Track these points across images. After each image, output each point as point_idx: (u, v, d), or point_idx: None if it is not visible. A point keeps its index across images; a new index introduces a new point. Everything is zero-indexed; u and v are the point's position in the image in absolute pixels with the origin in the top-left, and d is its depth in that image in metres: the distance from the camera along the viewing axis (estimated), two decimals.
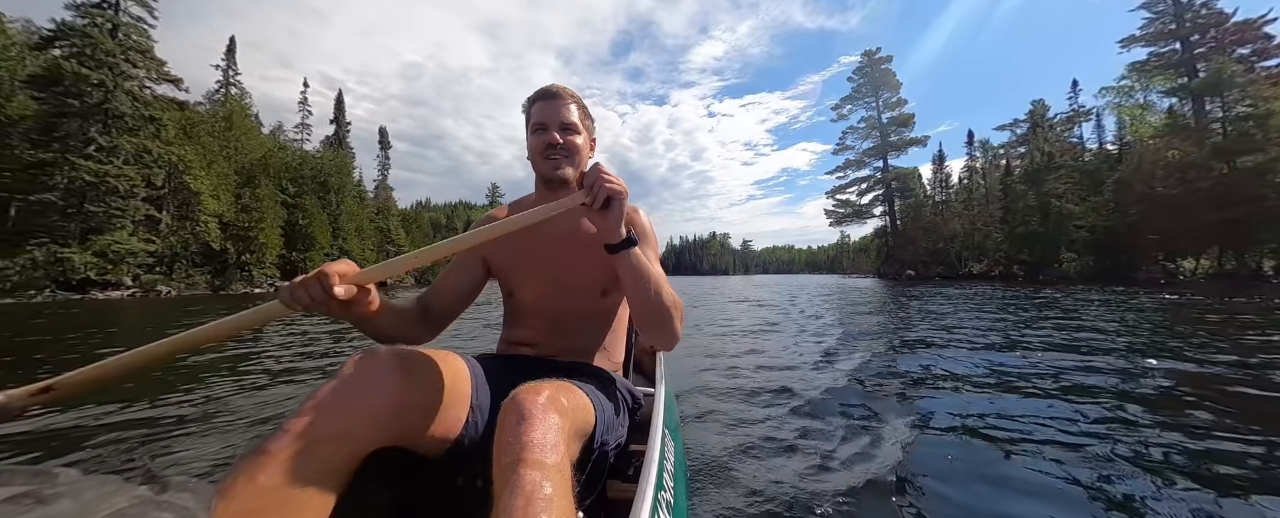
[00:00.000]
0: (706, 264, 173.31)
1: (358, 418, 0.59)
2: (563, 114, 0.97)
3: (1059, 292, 12.71)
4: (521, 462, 0.53)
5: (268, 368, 3.25)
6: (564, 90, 0.99)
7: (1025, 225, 30.35)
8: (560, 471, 0.54)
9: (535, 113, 0.97)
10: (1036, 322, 5.88)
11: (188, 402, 2.48)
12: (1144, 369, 3.10)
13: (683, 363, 3.56)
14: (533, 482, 0.50)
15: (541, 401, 0.60)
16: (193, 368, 3.27)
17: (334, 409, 0.58)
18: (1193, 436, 1.92)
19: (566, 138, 0.97)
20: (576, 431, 0.67)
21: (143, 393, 2.57)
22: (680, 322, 0.88)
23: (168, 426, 2.11)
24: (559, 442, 0.57)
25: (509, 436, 0.56)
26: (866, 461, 1.72)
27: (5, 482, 0.40)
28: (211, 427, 2.08)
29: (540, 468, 0.52)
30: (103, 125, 17.67)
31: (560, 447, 0.57)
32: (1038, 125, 33.64)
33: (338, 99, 42.53)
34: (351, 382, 0.62)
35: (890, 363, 3.58)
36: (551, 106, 0.96)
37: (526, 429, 0.56)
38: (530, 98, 1.00)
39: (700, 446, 1.86)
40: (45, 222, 16.49)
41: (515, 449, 0.54)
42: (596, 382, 0.87)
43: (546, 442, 0.56)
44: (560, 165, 0.96)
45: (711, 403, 2.49)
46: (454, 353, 0.80)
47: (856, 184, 42.75)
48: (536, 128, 0.96)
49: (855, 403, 2.46)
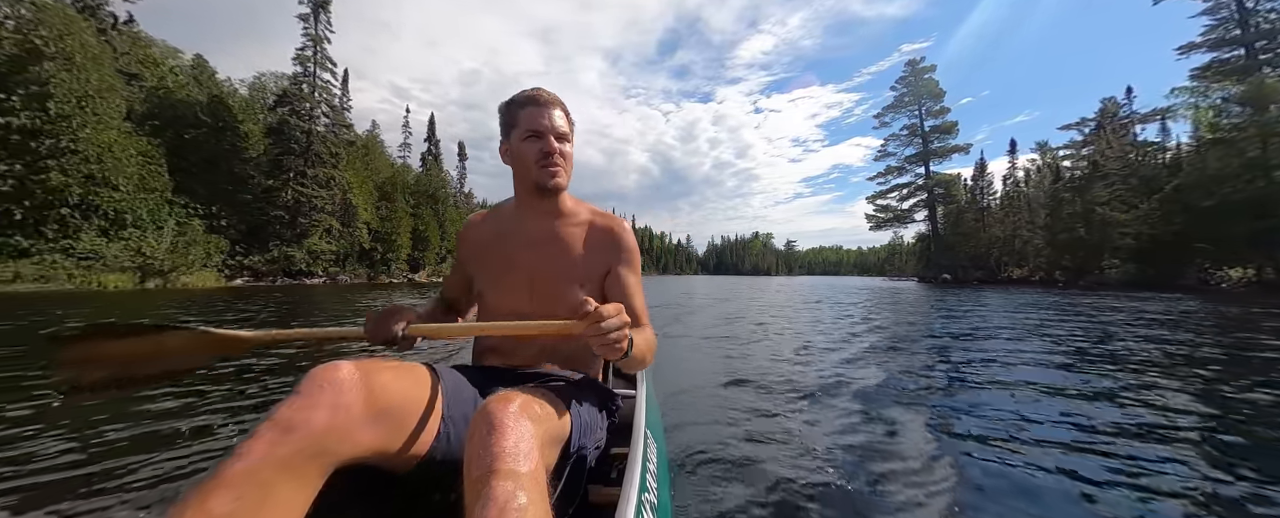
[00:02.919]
0: (748, 265, 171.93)
1: (317, 436, 0.56)
2: (557, 122, 0.94)
3: (1104, 296, 12.60)
4: (493, 473, 0.52)
5: (223, 387, 2.67)
6: (553, 96, 0.95)
7: (1068, 232, 31.12)
8: (534, 479, 0.54)
9: (526, 118, 0.93)
10: (1117, 330, 5.39)
11: (131, 426, 2.00)
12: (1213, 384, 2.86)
13: (666, 363, 3.49)
14: (506, 492, 0.50)
15: (513, 409, 0.59)
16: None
17: (291, 428, 0.55)
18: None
19: (561, 146, 0.94)
20: (551, 438, 0.66)
21: (77, 417, 2.07)
22: (653, 356, 0.88)
23: (109, 452, 1.74)
24: (532, 450, 0.56)
25: (480, 447, 0.55)
26: (860, 459, 1.69)
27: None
28: (158, 452, 1.74)
29: (513, 478, 0.52)
30: (306, 160, 24.74)
31: (533, 455, 0.56)
32: (1104, 126, 33.26)
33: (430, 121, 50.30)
34: (310, 398, 0.58)
35: (894, 363, 3.53)
36: (545, 113, 0.93)
37: (497, 439, 0.55)
38: (514, 102, 0.96)
39: (684, 445, 1.82)
40: (277, 230, 23.66)
41: (487, 460, 0.53)
42: (571, 387, 0.85)
43: (519, 451, 0.55)
44: (558, 174, 0.94)
45: (695, 402, 2.45)
46: (422, 365, 0.78)
47: (897, 190, 44.28)
48: (530, 134, 0.93)
49: (851, 402, 2.42)
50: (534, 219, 1.01)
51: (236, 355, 0.90)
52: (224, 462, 0.51)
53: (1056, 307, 9.12)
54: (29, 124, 15.84)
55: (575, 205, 1.04)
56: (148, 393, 2.34)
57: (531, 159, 0.94)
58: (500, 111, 0.98)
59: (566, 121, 0.97)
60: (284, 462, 0.53)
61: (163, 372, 0.78)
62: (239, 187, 22.90)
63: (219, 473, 0.50)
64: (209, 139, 22.05)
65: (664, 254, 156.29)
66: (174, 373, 0.79)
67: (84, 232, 16.80)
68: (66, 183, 16.35)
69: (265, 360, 3.29)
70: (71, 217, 16.63)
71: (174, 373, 0.79)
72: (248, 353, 3.26)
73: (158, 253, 17.99)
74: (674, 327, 6.09)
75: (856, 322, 6.65)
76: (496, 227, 1.05)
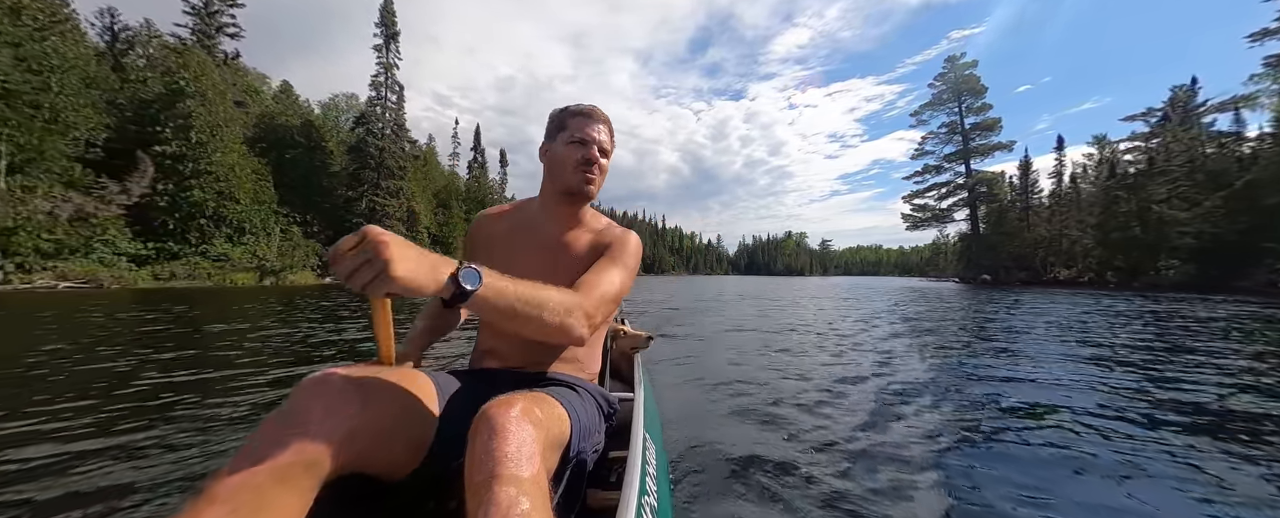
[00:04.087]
0: (780, 265, 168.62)
1: (310, 448, 0.55)
2: (603, 136, 0.99)
3: (1160, 299, 12.05)
4: (495, 478, 0.52)
5: (216, 398, 2.55)
6: (606, 116, 1.02)
7: (1122, 231, 29.91)
8: (537, 484, 0.53)
9: (576, 127, 0.98)
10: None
11: (121, 440, 1.95)
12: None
13: (664, 365, 3.44)
14: (508, 497, 0.50)
15: (514, 413, 0.59)
16: (127, 394, 2.61)
17: (283, 441, 0.55)
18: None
19: (601, 159, 1.00)
20: (552, 442, 0.66)
21: (65, 432, 2.03)
22: (572, 319, 0.77)
23: (101, 468, 1.69)
24: (534, 454, 0.56)
25: (481, 452, 0.55)
26: (864, 462, 1.66)
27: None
28: (151, 465, 1.70)
29: (515, 483, 0.51)
30: (379, 174, 27.99)
31: (535, 460, 0.56)
32: (1169, 117, 31.42)
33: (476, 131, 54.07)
34: (301, 410, 0.58)
35: (906, 363, 3.45)
36: (596, 127, 0.99)
37: (499, 444, 0.55)
38: (568, 111, 1.01)
39: (683, 446, 1.80)
40: None
41: (488, 466, 0.53)
42: (570, 390, 0.86)
43: (521, 455, 0.55)
44: (594, 182, 0.99)
45: (695, 404, 2.41)
46: (418, 371, 0.79)
47: (935, 189, 43.46)
48: (578, 142, 0.98)
49: (859, 404, 2.36)
50: (552, 223, 1.04)
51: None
52: (217, 474, 0.51)
53: (1114, 312, 8.38)
54: (176, 150, 19.45)
55: (593, 218, 1.08)
56: (138, 407, 2.36)
57: (572, 163, 0.97)
58: (551, 117, 1.02)
59: (610, 140, 1.02)
60: (278, 472, 0.53)
61: None
62: (325, 197, 26.40)
63: (213, 486, 0.50)
64: (303, 157, 25.62)
65: (694, 254, 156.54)
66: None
67: (216, 238, 20.33)
68: (204, 198, 19.89)
69: (257, 370, 3.29)
70: (207, 226, 20.18)
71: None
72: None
73: (269, 255, 21.42)
74: (675, 327, 6.15)
75: (857, 319, 7.01)
76: (513, 222, 1.07)
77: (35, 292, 12.48)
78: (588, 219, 1.07)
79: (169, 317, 6.67)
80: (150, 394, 2.66)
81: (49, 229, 14.80)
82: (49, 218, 14.82)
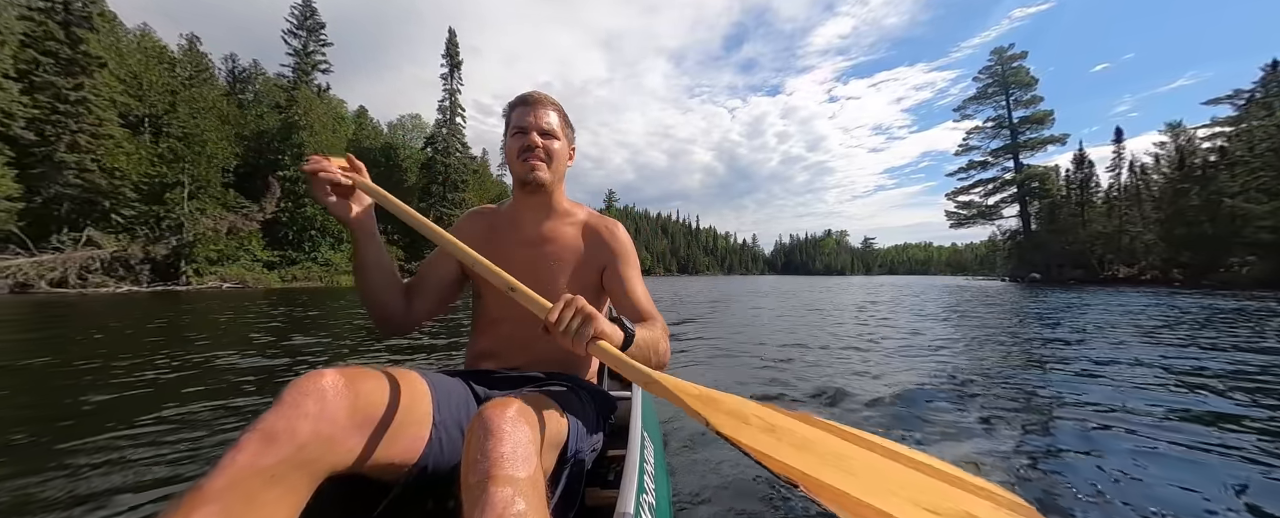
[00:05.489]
0: (819, 264, 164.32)
1: (302, 446, 0.55)
2: (542, 119, 0.98)
3: (1238, 297, 11.26)
4: (491, 479, 0.51)
5: (204, 396, 2.51)
6: (545, 97, 1.00)
7: (1188, 227, 28.39)
8: (533, 485, 0.53)
9: (515, 118, 0.98)
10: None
11: (108, 436, 1.93)
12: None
13: (676, 359, 3.37)
14: (504, 499, 0.49)
15: (510, 414, 0.59)
16: (114, 387, 2.66)
17: (275, 438, 0.54)
18: None
19: (545, 142, 0.97)
20: (549, 443, 0.66)
21: (56, 427, 2.03)
22: (666, 356, 0.86)
23: (87, 464, 1.69)
24: (531, 455, 0.56)
25: (477, 453, 0.55)
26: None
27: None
28: (136, 466, 1.68)
29: (511, 484, 0.51)
30: (446, 188, 31.51)
31: (532, 460, 0.56)
32: (1254, 99, 28.94)
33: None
34: (294, 406, 0.57)
35: (924, 362, 3.35)
36: (531, 112, 0.97)
37: (495, 445, 0.55)
38: (510, 103, 1.01)
39: (683, 444, 1.79)
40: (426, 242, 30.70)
41: (484, 466, 0.53)
42: (567, 390, 0.85)
43: (517, 456, 0.54)
44: (536, 168, 0.97)
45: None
46: (412, 371, 0.77)
47: (981, 185, 42.24)
48: (516, 131, 0.97)
49: (873, 403, 2.28)
50: (528, 217, 1.04)
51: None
52: (206, 474, 0.50)
53: (1193, 309, 7.51)
54: (292, 174, 23.41)
55: (572, 206, 1.08)
56: (124, 399, 2.38)
57: (514, 154, 0.98)
58: (502, 117, 1.02)
59: (557, 120, 1.00)
60: (269, 473, 0.52)
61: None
62: None
63: (202, 486, 0.49)
64: (384, 176, 29.46)
65: (728, 254, 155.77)
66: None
67: (321, 247, 24.17)
68: (314, 213, 23.76)
69: (249, 368, 3.29)
70: (316, 236, 24.07)
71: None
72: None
73: None
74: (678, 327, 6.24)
75: (872, 314, 7.21)
76: (493, 221, 1.07)
77: (204, 291, 16.10)
78: (565, 209, 1.07)
79: (297, 309, 8.46)
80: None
81: (214, 242, 18.76)
82: (214, 233, 18.78)
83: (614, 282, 1.02)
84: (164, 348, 4.14)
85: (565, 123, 1.04)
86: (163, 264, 17.70)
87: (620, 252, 1.04)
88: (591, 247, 1.04)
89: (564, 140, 1.03)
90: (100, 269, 15.97)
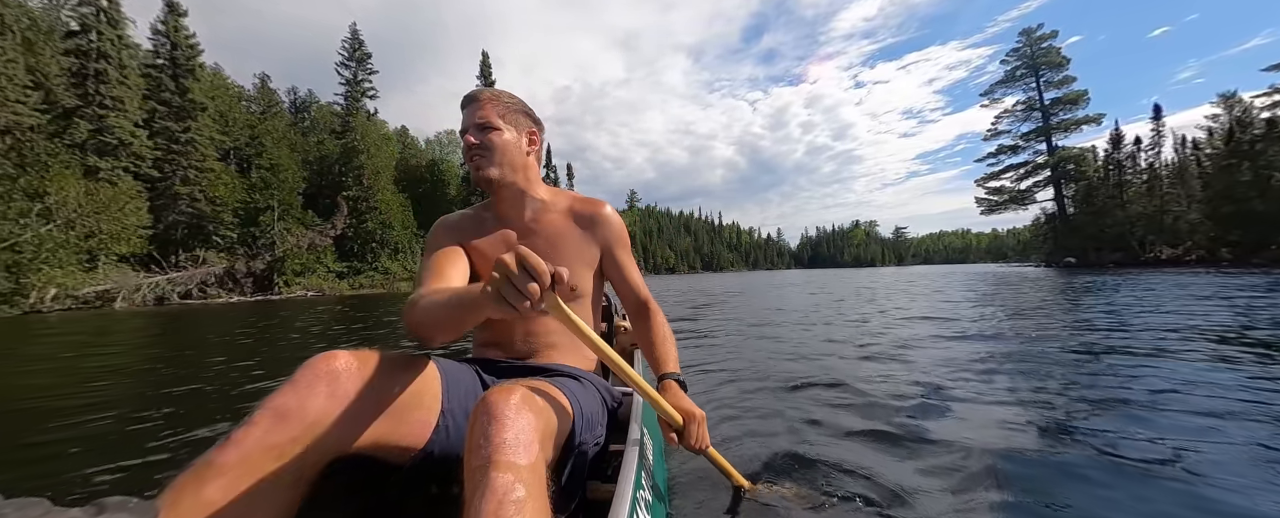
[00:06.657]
0: (848, 256, 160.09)
1: (313, 425, 0.57)
2: (477, 116, 0.95)
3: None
4: (492, 464, 0.52)
5: (217, 375, 2.64)
6: (481, 93, 0.98)
7: (1237, 204, 27.34)
8: (534, 472, 0.53)
9: (462, 121, 0.96)
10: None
11: (125, 413, 2.08)
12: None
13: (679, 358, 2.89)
14: (505, 484, 0.50)
15: (514, 401, 0.59)
16: (129, 374, 2.81)
17: (286, 416, 0.55)
18: None
19: (483, 138, 0.94)
20: (552, 432, 0.65)
21: (72, 403, 2.17)
22: (667, 326, 1.02)
23: (102, 440, 1.77)
24: (532, 443, 0.56)
25: (480, 438, 0.55)
26: (872, 459, 1.52)
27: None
28: (152, 439, 1.77)
29: (512, 470, 0.51)
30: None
31: (533, 447, 0.55)
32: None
33: (547, 149, 60.62)
34: (306, 387, 0.59)
35: (943, 354, 3.16)
36: (468, 111, 0.96)
37: (498, 430, 0.55)
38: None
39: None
40: None
41: (486, 452, 0.53)
42: (573, 381, 0.85)
43: (519, 442, 0.54)
44: (480, 166, 0.95)
45: (697, 398, 2.24)
46: (422, 356, 0.78)
47: (1012, 170, 41.33)
48: (461, 133, 0.97)
49: (874, 399, 2.16)
50: (512, 212, 1.02)
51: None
52: (217, 448, 0.52)
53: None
54: (356, 194, 26.19)
55: (552, 195, 1.06)
56: (141, 376, 2.49)
57: (465, 156, 0.97)
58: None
59: (497, 111, 0.95)
60: (278, 450, 0.53)
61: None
62: None
63: (211, 459, 0.50)
64: (431, 191, 32.12)
65: (753, 249, 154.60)
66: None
67: (381, 257, 26.87)
68: (374, 227, 26.53)
69: (262, 348, 3.12)
70: (376, 248, 26.80)
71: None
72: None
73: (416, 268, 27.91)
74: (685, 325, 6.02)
75: (888, 304, 6.99)
76: (471, 228, 1.03)
77: (293, 299, 18.74)
78: (544, 198, 1.04)
79: (365, 311, 9.93)
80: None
81: (298, 257, 21.56)
82: (298, 249, 21.59)
83: (613, 269, 1.05)
84: (298, 342, 4.77)
85: (508, 110, 0.98)
86: (260, 277, 20.63)
87: (614, 236, 1.04)
88: (584, 232, 1.03)
89: (511, 129, 0.97)
90: (215, 283, 18.90)
